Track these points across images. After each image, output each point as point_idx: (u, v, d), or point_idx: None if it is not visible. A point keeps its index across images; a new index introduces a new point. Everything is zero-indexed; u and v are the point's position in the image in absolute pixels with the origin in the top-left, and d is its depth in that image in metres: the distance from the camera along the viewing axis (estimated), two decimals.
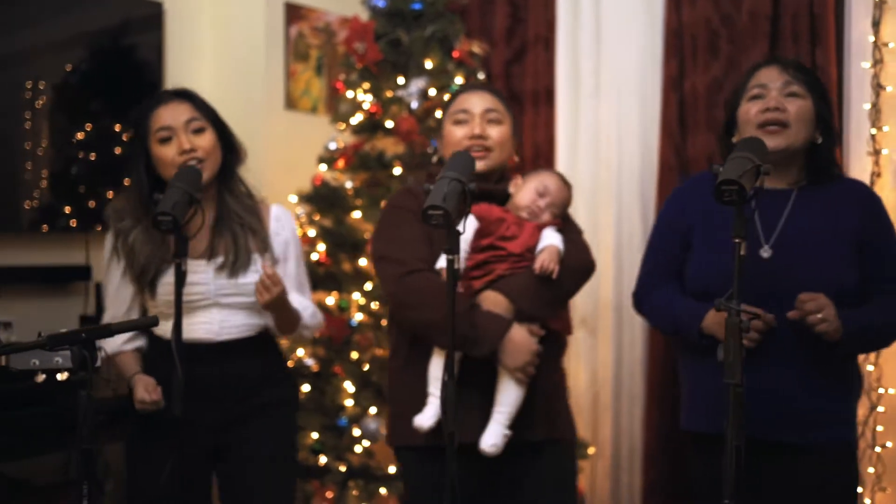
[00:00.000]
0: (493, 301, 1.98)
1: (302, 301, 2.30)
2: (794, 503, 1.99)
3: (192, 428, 2.09)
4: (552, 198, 2.04)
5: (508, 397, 1.96)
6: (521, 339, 1.95)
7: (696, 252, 2.10)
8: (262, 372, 2.25)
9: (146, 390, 2.11)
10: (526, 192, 2.04)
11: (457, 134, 2.10)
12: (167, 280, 2.15)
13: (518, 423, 1.96)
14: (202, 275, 2.18)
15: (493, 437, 1.93)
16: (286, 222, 2.33)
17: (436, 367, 2.01)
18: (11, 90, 3.20)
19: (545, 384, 2.02)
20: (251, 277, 2.17)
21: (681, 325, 2.06)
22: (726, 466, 1.63)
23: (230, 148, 2.26)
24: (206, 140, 2.19)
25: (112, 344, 2.13)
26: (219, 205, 2.25)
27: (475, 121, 2.09)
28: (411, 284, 2.02)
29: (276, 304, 2.14)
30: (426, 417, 1.98)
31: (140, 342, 2.25)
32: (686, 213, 2.15)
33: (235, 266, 2.18)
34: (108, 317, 2.26)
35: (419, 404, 2.02)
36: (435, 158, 2.51)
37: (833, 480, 1.99)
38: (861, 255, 1.99)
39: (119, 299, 2.24)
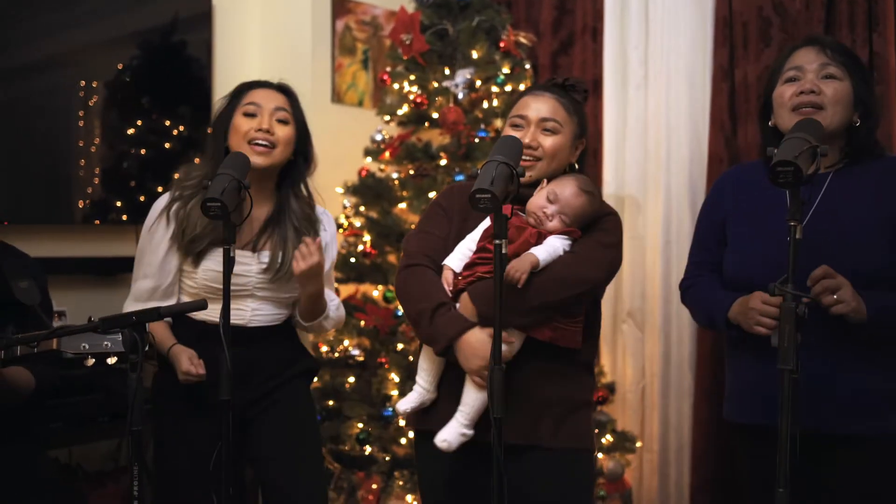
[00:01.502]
0: (465, 303, 1.96)
1: (329, 293, 2.35)
2: (843, 499, 1.93)
3: (219, 408, 2.11)
4: (561, 205, 1.96)
5: (467, 397, 1.95)
6: (475, 344, 1.89)
7: (732, 243, 2.08)
8: (285, 355, 2.32)
9: (191, 363, 2.13)
10: (537, 197, 1.99)
11: None
12: (212, 265, 2.18)
13: (478, 425, 1.94)
14: (245, 267, 2.21)
15: (445, 433, 1.94)
16: (328, 225, 2.38)
17: (423, 359, 2.03)
18: (66, 89, 3.28)
19: (531, 391, 1.95)
20: (290, 285, 2.25)
21: (713, 317, 2.05)
22: (781, 456, 1.59)
23: (304, 154, 2.32)
24: (285, 132, 2.24)
25: None
26: (277, 202, 2.29)
27: (529, 129, 2.03)
28: (406, 277, 2.04)
29: (310, 277, 2.16)
30: (406, 402, 2.02)
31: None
32: (721, 206, 2.13)
33: (279, 274, 2.23)
34: (149, 287, 2.24)
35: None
36: None
37: (881, 473, 1.91)
38: None
39: (164, 270, 2.23)
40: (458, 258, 2.01)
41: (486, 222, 2.01)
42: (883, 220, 1.93)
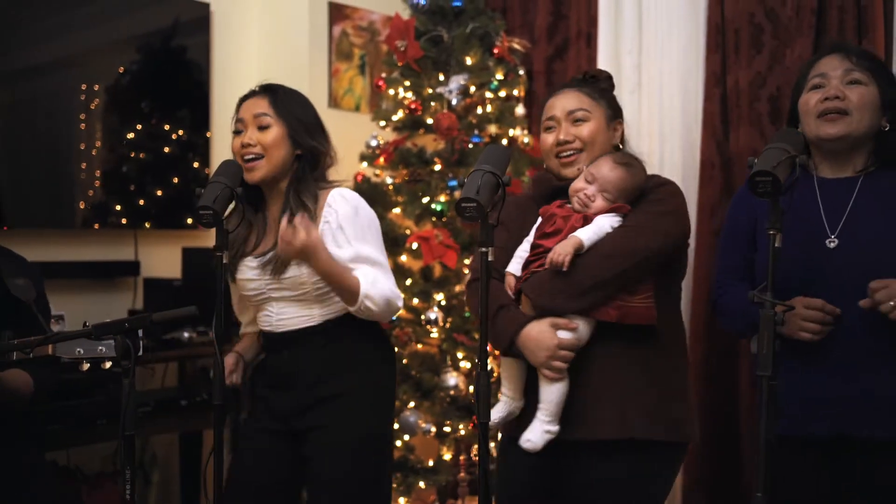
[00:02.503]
0: (524, 300, 1.98)
1: (363, 268, 2.13)
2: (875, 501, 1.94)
3: (272, 413, 2.23)
4: (601, 183, 1.93)
5: (544, 394, 1.93)
6: (536, 336, 1.90)
7: (760, 248, 2.07)
8: (327, 362, 2.19)
9: (227, 370, 2.21)
10: (576, 182, 1.99)
11: (548, 141, 2.07)
12: (240, 276, 2.26)
13: (582, 421, 1.91)
14: (250, 272, 2.22)
15: (529, 433, 1.92)
16: (339, 206, 2.17)
17: (503, 368, 2.04)
18: (67, 93, 3.32)
19: (613, 378, 1.91)
20: (291, 272, 2.16)
21: (750, 326, 2.00)
22: (760, 460, 1.62)
23: (309, 149, 2.24)
24: (268, 136, 2.19)
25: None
26: (285, 203, 2.21)
27: (561, 126, 2.05)
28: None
29: (304, 256, 2.05)
30: (495, 412, 2.00)
31: (255, 328, 2.35)
32: (750, 213, 2.11)
33: (276, 265, 2.17)
34: (234, 302, 2.40)
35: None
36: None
37: None
38: None
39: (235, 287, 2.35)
40: (516, 263, 2.03)
41: (538, 221, 2.04)
42: None
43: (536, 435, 1.91)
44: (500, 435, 2.18)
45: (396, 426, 3.15)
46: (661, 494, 2.00)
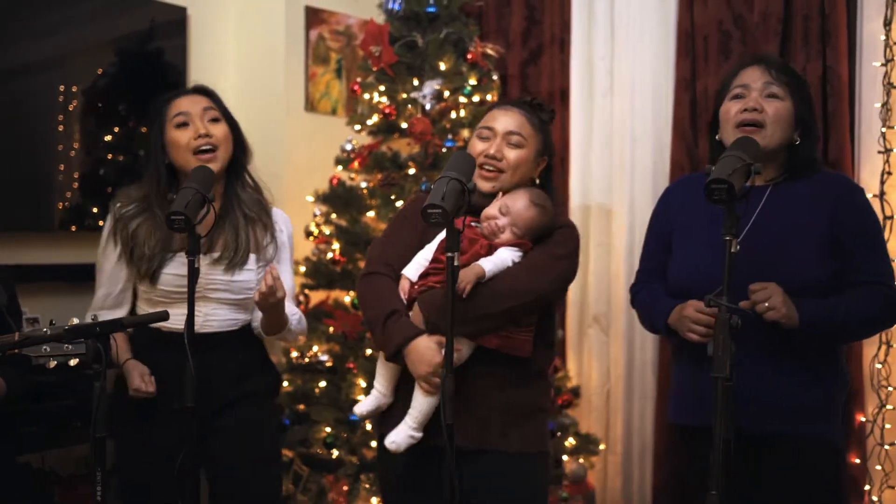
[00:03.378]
0: (415, 311, 2.04)
1: (290, 307, 2.32)
2: (768, 496, 2.01)
3: (179, 416, 2.11)
4: (513, 217, 2.03)
5: (416, 402, 2.02)
6: (422, 350, 1.97)
7: (675, 252, 2.15)
8: (244, 364, 2.30)
9: (142, 380, 2.17)
10: (490, 209, 2.07)
11: (477, 148, 2.13)
12: (170, 271, 2.22)
13: (428, 429, 2.01)
14: (183, 268, 2.16)
15: (394, 435, 2.02)
16: (284, 226, 2.38)
17: (380, 364, 2.12)
18: (45, 94, 3.31)
19: (481, 397, 2.02)
20: (244, 276, 2.25)
21: (654, 322, 2.14)
22: (715, 458, 1.66)
23: (241, 146, 2.33)
24: (221, 130, 2.27)
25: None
26: (224, 200, 2.30)
27: (495, 140, 2.11)
28: (364, 285, 2.15)
29: (273, 308, 2.18)
30: (364, 405, 2.12)
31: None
32: (667, 216, 2.21)
33: (233, 262, 2.23)
34: (102, 295, 2.31)
35: None
36: None
37: (807, 476, 1.99)
38: (834, 248, 2.00)
39: (113, 279, 2.29)
40: (414, 268, 2.09)
41: (444, 233, 2.09)
42: (816, 233, 2.01)
43: (402, 438, 2.01)
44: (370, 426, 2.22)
45: (370, 427, 3.18)
46: (532, 497, 2.10)
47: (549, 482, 2.23)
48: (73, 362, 1.87)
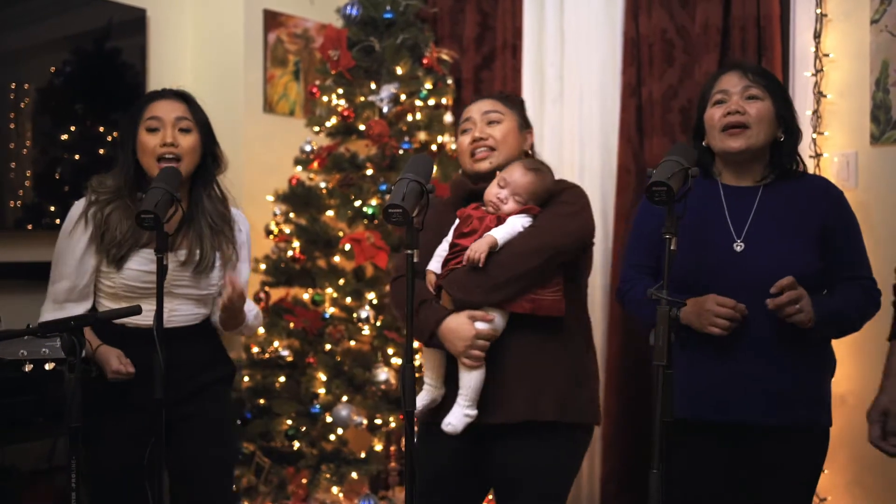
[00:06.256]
0: (443, 294, 2.14)
1: (248, 304, 2.40)
2: (768, 483, 2.13)
3: (145, 408, 2.13)
4: (513, 187, 2.11)
5: (463, 380, 2.09)
6: (455, 327, 2.06)
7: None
8: (205, 356, 2.38)
9: (120, 362, 2.19)
10: (490, 186, 2.16)
11: (464, 143, 2.24)
12: (133, 265, 2.25)
13: (496, 405, 2.07)
14: (150, 264, 2.24)
15: (450, 417, 2.08)
16: (242, 226, 2.45)
17: (425, 358, 2.19)
18: None
19: (525, 365, 2.07)
20: (209, 274, 2.33)
21: (652, 316, 2.18)
22: (654, 440, 1.79)
23: (213, 155, 2.38)
24: (189, 140, 2.31)
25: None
26: (190, 203, 2.35)
27: (476, 126, 2.23)
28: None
29: (234, 308, 2.28)
30: (418, 400, 2.14)
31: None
32: (655, 216, 2.23)
33: (200, 266, 2.31)
34: (66, 288, 2.28)
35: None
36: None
37: (804, 460, 2.13)
38: (824, 246, 2.13)
39: (81, 270, 2.28)
40: (436, 262, 2.19)
41: (456, 222, 2.20)
42: (808, 232, 2.13)
43: (457, 419, 2.07)
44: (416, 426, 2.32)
45: (329, 420, 3.28)
46: (571, 472, 2.18)
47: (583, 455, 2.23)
48: (49, 366, 1.92)
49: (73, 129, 3.53)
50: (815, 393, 2.14)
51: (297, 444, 3.32)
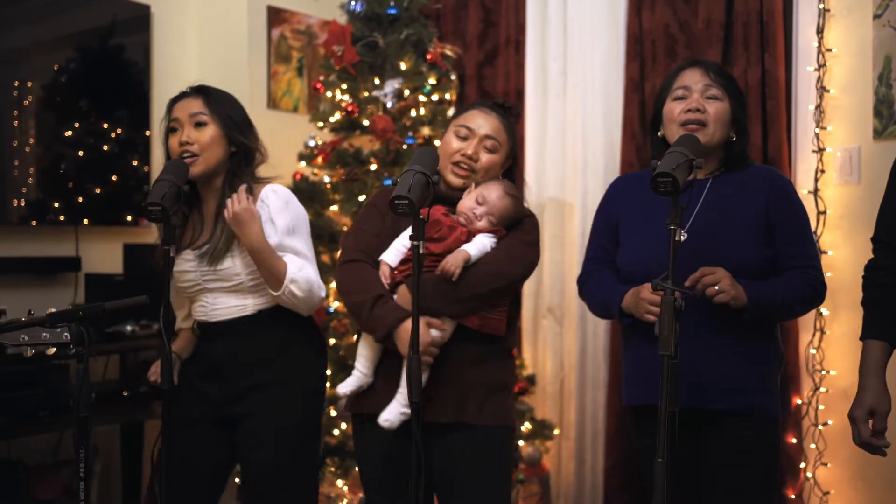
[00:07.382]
0: (402, 294, 2.16)
1: (291, 257, 2.26)
2: (712, 468, 2.15)
3: (203, 402, 2.32)
4: (489, 207, 2.18)
5: (407, 380, 2.11)
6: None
7: (624, 243, 2.30)
8: (262, 351, 2.30)
9: (153, 371, 2.33)
10: (467, 199, 2.21)
11: (453, 146, 2.26)
12: (178, 268, 2.32)
13: (428, 405, 2.11)
14: (187, 263, 2.32)
15: (386, 413, 2.14)
16: (270, 201, 2.29)
17: (362, 346, 2.23)
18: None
19: (459, 374, 2.16)
20: (226, 263, 2.28)
21: (608, 306, 2.26)
22: (660, 431, 1.81)
23: (242, 144, 2.34)
24: (205, 135, 2.29)
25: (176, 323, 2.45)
26: (221, 197, 2.33)
27: (473, 142, 2.25)
28: (345, 272, 2.23)
29: (241, 223, 2.19)
30: (346, 385, 2.21)
31: (190, 322, 2.42)
32: (613, 209, 2.35)
33: (213, 255, 2.28)
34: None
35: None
36: None
37: (749, 446, 2.14)
38: (769, 234, 2.18)
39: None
40: (393, 254, 2.21)
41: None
42: (752, 221, 2.18)
43: (393, 415, 2.13)
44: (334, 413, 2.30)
45: (334, 414, 3.29)
46: (502, 469, 2.24)
47: (513, 455, 2.36)
48: (50, 351, 1.93)
49: (76, 125, 3.56)
50: (759, 382, 2.16)
51: None
